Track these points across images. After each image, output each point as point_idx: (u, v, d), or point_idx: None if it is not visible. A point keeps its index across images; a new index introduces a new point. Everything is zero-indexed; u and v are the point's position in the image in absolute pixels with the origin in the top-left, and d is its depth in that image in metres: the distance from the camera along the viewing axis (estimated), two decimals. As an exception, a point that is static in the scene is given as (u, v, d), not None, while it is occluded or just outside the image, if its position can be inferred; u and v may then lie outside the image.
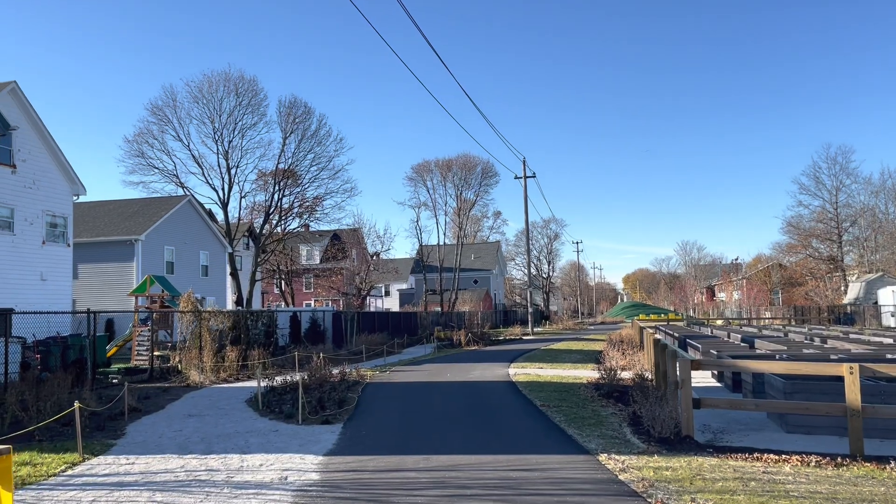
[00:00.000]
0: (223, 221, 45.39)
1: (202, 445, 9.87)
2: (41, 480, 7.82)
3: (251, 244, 50.13)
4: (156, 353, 21.74)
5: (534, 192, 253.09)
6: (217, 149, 43.76)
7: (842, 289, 61.98)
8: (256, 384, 14.89)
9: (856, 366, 8.83)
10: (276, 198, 46.27)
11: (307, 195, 48.26)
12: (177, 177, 43.69)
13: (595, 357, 26.37)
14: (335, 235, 67.02)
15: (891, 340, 20.36)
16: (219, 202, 44.53)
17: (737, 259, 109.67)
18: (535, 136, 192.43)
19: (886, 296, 50.56)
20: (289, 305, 56.29)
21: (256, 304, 49.95)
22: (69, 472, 8.21)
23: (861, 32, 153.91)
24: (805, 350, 17.57)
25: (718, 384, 16.77)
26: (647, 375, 16.55)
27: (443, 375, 20.32)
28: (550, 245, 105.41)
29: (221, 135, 43.66)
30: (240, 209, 47.41)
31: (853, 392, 8.71)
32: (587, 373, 19.87)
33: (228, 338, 23.28)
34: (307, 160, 47.13)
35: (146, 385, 18.31)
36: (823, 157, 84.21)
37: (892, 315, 47.31)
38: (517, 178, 55.04)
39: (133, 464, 8.66)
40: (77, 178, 30.56)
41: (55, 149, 29.32)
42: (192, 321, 22.14)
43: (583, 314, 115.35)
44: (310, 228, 56.50)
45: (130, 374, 20.34)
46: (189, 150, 43.81)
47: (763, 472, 7.80)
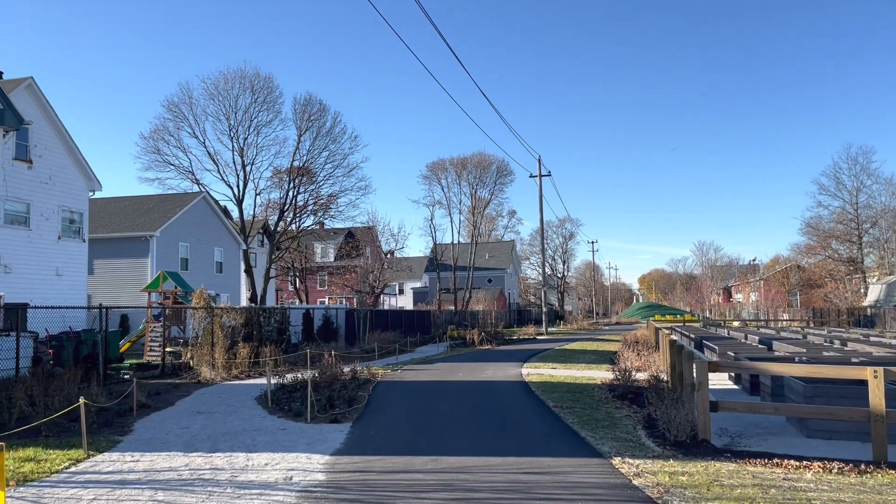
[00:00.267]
0: (238, 218, 45.50)
1: (208, 443, 9.74)
2: (43, 477, 7.71)
3: (266, 241, 50.20)
4: (168, 350, 21.73)
5: (549, 191, 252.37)
6: (232, 146, 43.90)
7: (861, 291, 61.06)
8: (268, 381, 14.76)
9: (880, 370, 8.53)
10: (291, 195, 46.34)
11: (322, 193, 48.33)
12: (192, 173, 43.90)
13: (609, 358, 26.06)
14: (349, 233, 67.03)
15: (913, 344, 19.91)
16: (234, 199, 44.66)
17: (754, 260, 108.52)
18: (551, 135, 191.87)
19: (907, 298, 49.70)
20: (303, 303, 56.35)
21: (270, 302, 50.04)
22: (72, 469, 8.10)
23: (883, 33, 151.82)
24: (825, 353, 17.20)
25: (735, 386, 16.44)
26: (663, 377, 16.26)
27: (454, 375, 20.12)
28: (565, 244, 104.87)
29: (237, 132, 43.78)
30: (254, 206, 47.55)
31: (877, 396, 8.42)
32: (601, 374, 19.59)
33: (241, 334, 23.24)
34: (322, 158, 47.18)
35: (157, 381, 18.26)
36: (844, 158, 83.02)
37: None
38: (532, 177, 54.77)
39: (138, 461, 8.53)
40: (93, 174, 30.67)
41: (71, 145, 29.43)
42: (205, 317, 22.10)
43: (598, 314, 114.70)
44: (324, 226, 56.60)
45: (142, 370, 20.32)
46: (205, 147, 43.99)
47: (783, 479, 7.53)
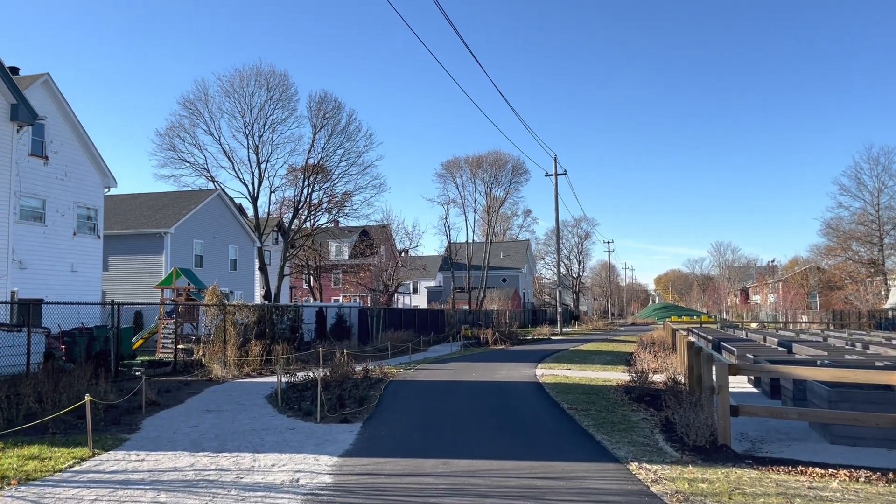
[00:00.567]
0: (253, 216, 45.51)
1: (215, 443, 9.57)
2: (46, 476, 7.56)
3: (280, 239, 50.24)
4: (180, 347, 21.67)
5: (565, 191, 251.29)
6: (248, 143, 43.90)
7: (882, 293, 60.09)
8: (279, 379, 14.60)
9: (910, 375, 8.19)
10: (306, 193, 46.30)
11: (336, 191, 48.26)
12: (207, 171, 43.95)
13: (625, 359, 25.72)
14: (364, 232, 66.97)
15: (939, 348, 19.41)
16: (249, 196, 44.67)
17: (773, 261, 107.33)
18: (567, 134, 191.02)
19: (930, 301, 48.81)
20: (317, 301, 56.35)
21: (284, 299, 50.06)
22: (76, 468, 7.95)
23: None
24: (847, 356, 16.79)
25: (755, 390, 16.08)
26: (680, 379, 15.93)
27: (468, 375, 19.88)
28: (581, 244, 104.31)
29: (252, 129, 43.77)
30: (269, 204, 47.53)
31: (907, 403, 8.07)
32: (617, 375, 19.27)
33: (253, 332, 23.13)
34: (337, 155, 47.10)
35: (168, 378, 18.18)
36: (865, 158, 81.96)
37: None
38: (548, 176, 54.44)
39: (143, 461, 8.37)
40: (108, 171, 30.72)
41: (87, 141, 29.48)
42: (217, 315, 22.01)
43: (613, 315, 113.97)
44: (339, 224, 56.51)
45: (154, 367, 20.27)
46: (220, 145, 44.00)
47: (808, 488, 7.22)
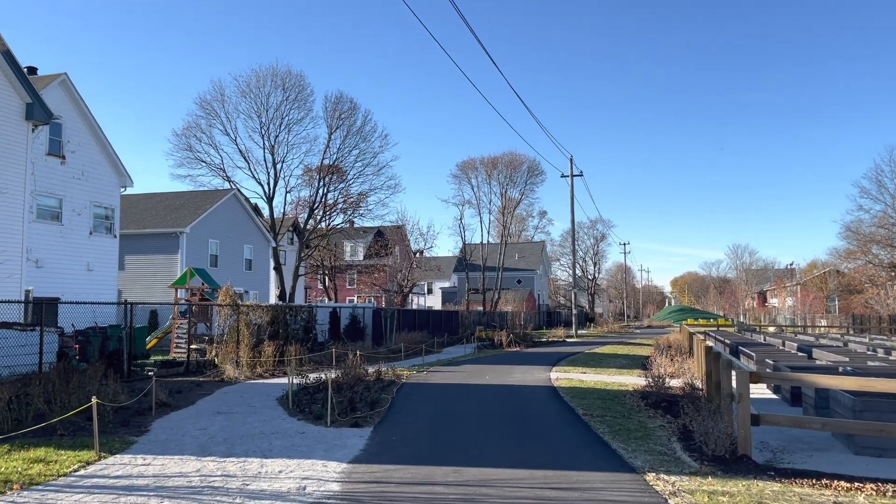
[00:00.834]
0: (268, 216, 45.59)
1: (223, 447, 9.42)
2: (50, 480, 7.44)
3: (295, 239, 50.27)
4: (193, 347, 21.62)
5: (580, 192, 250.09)
6: (263, 143, 44.03)
7: (903, 297, 59.07)
8: (290, 381, 14.46)
9: (940, 385, 7.88)
10: (321, 193, 46.35)
11: (351, 191, 48.28)
12: (223, 171, 44.13)
13: (641, 363, 25.36)
14: (379, 232, 66.93)
15: (964, 354, 18.93)
16: (264, 196, 44.78)
17: (791, 264, 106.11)
18: (584, 135, 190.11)
19: (953, 306, 47.88)
20: (332, 301, 56.35)
21: (299, 299, 50.06)
22: (81, 472, 7.82)
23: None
24: (869, 362, 16.39)
25: (775, 396, 15.71)
26: (698, 384, 15.60)
27: (481, 378, 19.66)
28: (597, 246, 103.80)
29: (268, 129, 43.88)
30: (284, 204, 47.65)
31: (936, 414, 7.76)
32: (633, 379, 18.97)
33: (266, 332, 23.06)
34: (352, 156, 47.12)
35: (181, 379, 18.11)
36: (886, 160, 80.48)
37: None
38: (564, 177, 54.05)
39: (149, 465, 8.24)
40: (124, 170, 30.81)
41: (104, 140, 29.58)
42: (230, 315, 21.96)
43: (629, 317, 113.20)
44: (354, 224, 56.50)
45: (167, 367, 20.24)
46: (236, 145, 44.21)
47: (833, 503, 6.94)
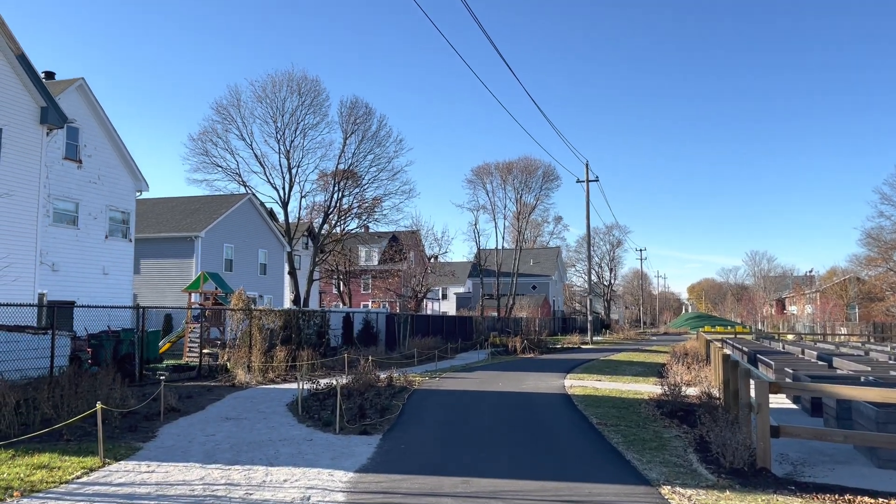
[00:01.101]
0: (283, 220, 45.68)
1: (229, 454, 9.27)
2: (51, 487, 7.32)
3: (310, 244, 50.35)
4: (205, 351, 21.57)
5: (596, 197, 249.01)
6: (279, 148, 44.19)
7: (926, 305, 58.03)
8: (300, 386, 14.32)
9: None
10: (336, 198, 46.40)
11: (366, 196, 48.30)
12: (239, 175, 44.32)
13: (657, 370, 25.00)
14: (394, 237, 66.89)
15: None
16: (279, 201, 44.89)
17: (811, 271, 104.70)
18: (599, 141, 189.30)
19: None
20: (346, 306, 56.33)
21: (314, 304, 50.11)
22: (83, 479, 7.70)
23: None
24: (892, 372, 15.98)
25: (794, 406, 15.35)
26: (715, 393, 15.29)
27: (494, 384, 19.42)
28: (613, 252, 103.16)
29: (283, 134, 44.04)
30: (300, 209, 47.79)
31: (965, 428, 7.46)
32: (648, 387, 18.66)
33: (279, 337, 22.98)
34: (367, 161, 47.15)
35: (192, 383, 18.05)
36: (908, 166, 79.32)
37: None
38: (579, 182, 53.75)
39: (153, 472, 8.10)
40: (140, 175, 30.96)
41: (120, 145, 29.74)
42: (243, 319, 21.90)
43: (645, 324, 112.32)
44: (369, 229, 56.53)
45: (179, 372, 20.18)
46: (252, 150, 44.40)
47: (857, 520, 6.67)
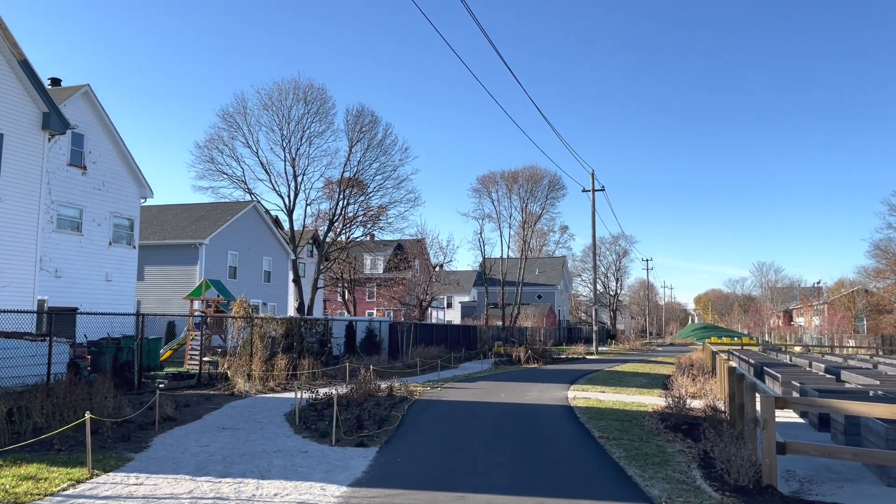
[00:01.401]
0: (288, 228, 45.58)
1: (221, 466, 9.07)
2: (35, 500, 7.13)
3: (315, 251, 50.22)
4: (205, 359, 21.41)
5: (602, 207, 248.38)
6: (285, 156, 44.08)
7: (935, 318, 57.51)
8: (298, 396, 14.12)
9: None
10: (341, 206, 46.27)
11: (371, 204, 48.16)
12: (245, 183, 44.21)
13: (662, 382, 24.69)
14: (399, 245, 66.77)
15: None
16: (284, 209, 44.77)
17: (818, 282, 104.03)
18: (606, 150, 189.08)
19: None
20: (351, 314, 56.16)
21: (318, 312, 49.96)
22: (69, 492, 7.51)
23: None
24: (902, 386, 15.71)
25: (801, 420, 15.08)
26: (720, 406, 15.02)
27: (496, 395, 19.18)
28: (619, 262, 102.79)
29: (289, 142, 43.95)
30: (304, 216, 47.61)
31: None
32: (653, 399, 18.39)
33: (281, 345, 22.80)
34: (372, 169, 47.03)
35: (191, 392, 17.87)
36: (917, 177, 78.80)
37: None
38: (585, 192, 53.47)
39: (141, 485, 7.91)
40: (145, 181, 30.92)
41: (125, 151, 29.71)
42: (244, 327, 21.74)
43: (651, 334, 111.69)
44: (374, 238, 56.40)
45: (178, 380, 20.01)
46: (257, 157, 44.28)
47: (866, 542, 6.42)
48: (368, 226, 50.30)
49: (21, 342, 15.64)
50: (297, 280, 45.36)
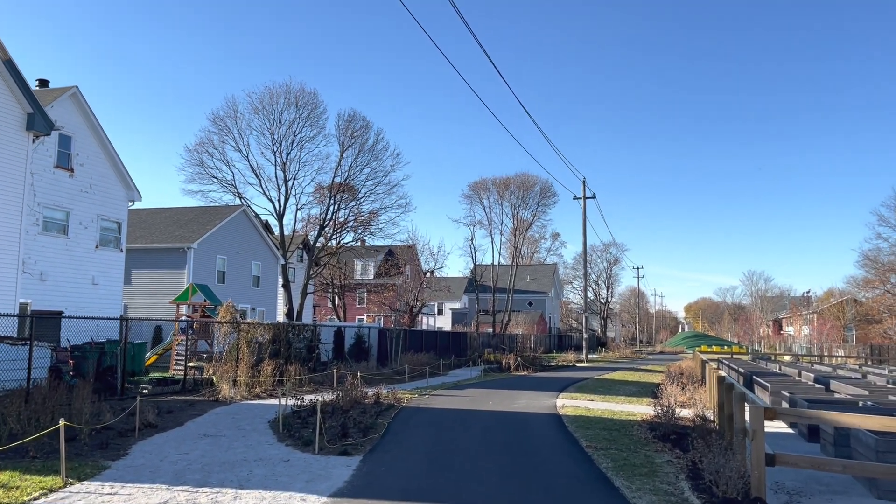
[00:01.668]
0: (278, 233, 45.32)
1: (199, 475, 8.84)
2: (4, 510, 6.95)
3: (305, 257, 49.97)
4: (191, 364, 21.14)
5: (594, 215, 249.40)
6: (275, 160, 43.89)
7: (924, 328, 57.68)
8: (282, 403, 13.91)
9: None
10: (332, 211, 46.08)
11: (362, 209, 48.01)
12: (235, 187, 43.97)
13: (652, 390, 24.57)
14: (389, 251, 66.53)
15: None
16: (274, 213, 44.53)
17: (808, 292, 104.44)
18: (597, 158, 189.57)
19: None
20: (341, 320, 55.85)
21: (307, 318, 49.65)
22: (40, 501, 7.27)
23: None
24: (891, 396, 15.64)
25: (791, 431, 14.98)
26: (709, 415, 14.90)
27: (485, 403, 19.00)
28: (610, 269, 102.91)
29: (280, 146, 43.77)
30: (295, 221, 47.44)
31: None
32: (642, 408, 18.25)
33: (268, 351, 22.55)
34: (363, 174, 46.89)
35: (175, 397, 17.61)
36: (906, 188, 79.27)
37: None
38: (576, 199, 53.47)
39: (115, 494, 7.69)
40: (133, 184, 30.64)
41: (113, 154, 29.43)
42: (230, 332, 21.49)
43: (641, 342, 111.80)
44: (365, 243, 56.18)
45: (163, 385, 19.75)
46: (248, 161, 44.06)
47: (856, 558, 6.28)
48: (359, 231, 50.14)
49: (1, 346, 15.37)
50: (287, 285, 45.06)
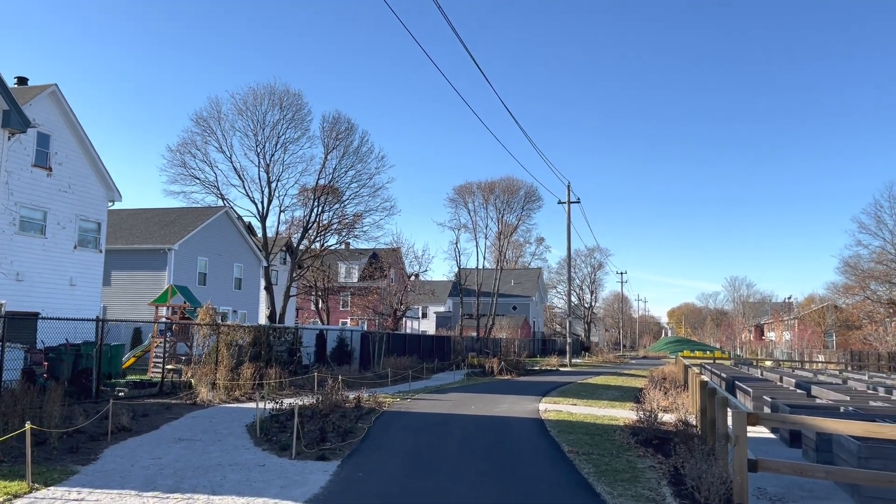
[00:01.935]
0: (261, 235, 44.93)
1: (171, 480, 8.61)
2: (-36, 517, 6.70)
3: (288, 259, 49.60)
4: (169, 367, 20.81)
5: (578, 219, 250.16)
6: (259, 162, 43.55)
7: (903, 334, 58.28)
8: (261, 406, 13.67)
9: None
10: (316, 213, 45.76)
11: (347, 212, 47.73)
12: (217, 188, 43.57)
13: (634, 395, 24.55)
14: (374, 254, 66.27)
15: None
16: (258, 215, 44.16)
17: (789, 298, 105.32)
18: (582, 163, 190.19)
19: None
20: (324, 323, 55.47)
21: (290, 320, 49.27)
22: (3, 507, 7.08)
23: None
24: (871, 402, 15.67)
25: (773, 436, 14.95)
26: (692, 420, 14.86)
27: (467, 407, 18.85)
28: (594, 274, 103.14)
29: (264, 148, 43.44)
30: (278, 223, 47.00)
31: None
32: (625, 413, 18.19)
33: (248, 354, 22.27)
34: (348, 177, 46.63)
35: (152, 401, 17.29)
36: (885, 196, 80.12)
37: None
38: (561, 204, 53.55)
39: (82, 500, 7.44)
40: (113, 185, 30.21)
41: (92, 154, 29.01)
42: (209, 334, 21.20)
43: (625, 347, 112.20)
44: (349, 246, 55.91)
45: (140, 388, 19.40)
46: (231, 163, 43.69)
47: (839, 566, 6.20)
48: (343, 234, 49.85)
49: (-28, 347, 15.02)
50: (270, 288, 44.67)
